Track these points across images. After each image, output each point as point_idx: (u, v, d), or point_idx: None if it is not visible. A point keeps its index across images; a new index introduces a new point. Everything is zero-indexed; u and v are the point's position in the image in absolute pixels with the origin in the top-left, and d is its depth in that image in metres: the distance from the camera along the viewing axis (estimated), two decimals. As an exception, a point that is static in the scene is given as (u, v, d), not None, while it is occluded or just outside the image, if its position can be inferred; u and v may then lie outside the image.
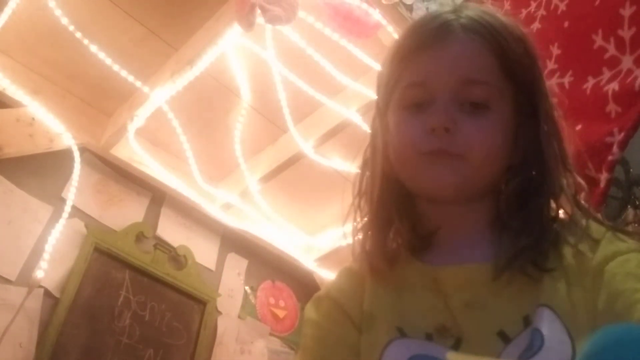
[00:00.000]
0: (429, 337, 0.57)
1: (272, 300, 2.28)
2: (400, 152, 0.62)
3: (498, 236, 0.61)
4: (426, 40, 0.62)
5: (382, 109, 0.67)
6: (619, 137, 1.02)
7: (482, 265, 0.59)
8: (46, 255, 1.67)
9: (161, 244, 2.02)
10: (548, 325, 0.53)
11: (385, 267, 0.63)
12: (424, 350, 0.56)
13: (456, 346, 0.55)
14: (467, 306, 0.57)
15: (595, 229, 0.59)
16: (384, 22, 1.57)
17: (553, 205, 0.61)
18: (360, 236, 0.67)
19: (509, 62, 0.61)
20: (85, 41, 1.67)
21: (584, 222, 0.59)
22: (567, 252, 0.58)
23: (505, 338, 0.54)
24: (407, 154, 0.61)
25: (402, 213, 0.64)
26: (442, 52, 0.61)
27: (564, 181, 0.61)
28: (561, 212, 0.62)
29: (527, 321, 0.54)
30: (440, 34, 0.61)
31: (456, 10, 0.64)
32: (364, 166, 0.70)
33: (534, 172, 0.62)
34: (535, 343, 0.52)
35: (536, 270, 0.57)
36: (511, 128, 0.61)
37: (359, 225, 0.68)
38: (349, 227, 0.70)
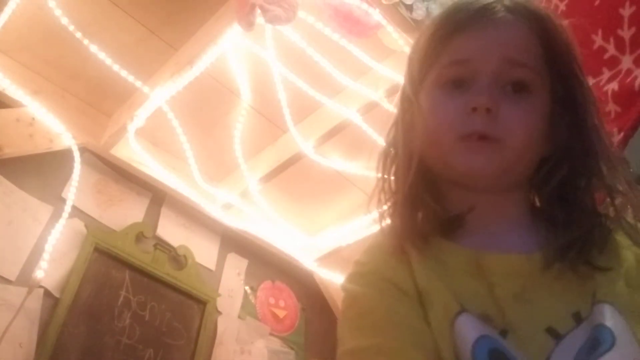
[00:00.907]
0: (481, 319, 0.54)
1: (272, 300, 2.28)
2: (436, 133, 0.60)
3: (538, 226, 0.60)
4: (469, 19, 0.60)
5: (413, 89, 0.64)
6: (618, 137, 1.02)
7: (530, 256, 0.56)
8: (46, 255, 1.67)
9: (161, 244, 2.02)
10: (614, 322, 0.51)
11: (420, 244, 0.59)
12: (487, 332, 0.52)
13: (502, 337, 0.53)
14: (515, 298, 0.54)
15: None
16: (384, 22, 1.56)
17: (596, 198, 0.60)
18: (387, 220, 0.64)
19: (550, 48, 0.60)
20: (86, 41, 1.68)
21: (631, 220, 0.58)
22: (627, 254, 0.57)
23: (555, 334, 0.52)
24: (443, 136, 0.59)
25: (429, 195, 0.61)
26: (487, 31, 0.59)
27: (608, 175, 0.59)
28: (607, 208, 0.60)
29: (577, 317, 0.52)
30: (484, 14, 0.60)
31: None
32: (387, 148, 0.67)
33: (574, 164, 0.60)
34: (605, 339, 0.49)
35: (588, 266, 0.55)
36: (547, 116, 0.60)
37: (386, 209, 0.64)
38: (371, 215, 0.68)
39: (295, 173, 2.04)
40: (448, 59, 0.61)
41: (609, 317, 0.51)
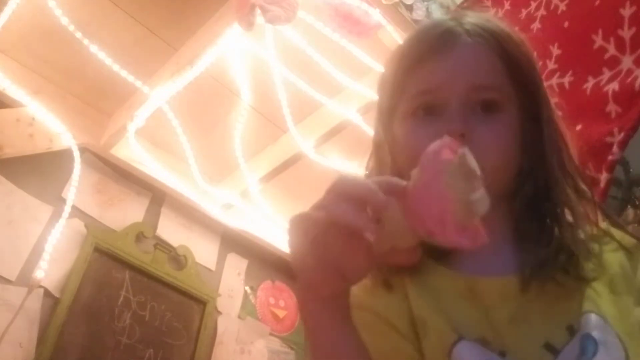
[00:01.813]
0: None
1: (272, 300, 2.27)
2: (412, 163, 0.59)
3: (520, 244, 0.60)
4: (431, 47, 0.61)
5: (385, 120, 0.66)
6: (619, 137, 1.02)
7: (519, 277, 0.57)
8: (46, 256, 1.67)
9: (161, 244, 2.02)
10: (598, 330, 0.52)
11: (411, 272, 0.60)
12: (488, 357, 0.53)
13: (500, 358, 0.54)
14: (512, 320, 0.55)
15: (627, 239, 0.60)
16: (384, 22, 1.56)
17: (570, 210, 0.61)
18: None
19: (513, 66, 0.61)
20: (86, 41, 1.67)
21: (603, 227, 0.60)
22: (610, 261, 0.58)
23: (552, 350, 0.53)
24: None
25: None
26: (450, 59, 0.60)
27: (570, 187, 0.61)
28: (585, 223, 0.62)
29: (571, 330, 0.54)
30: (445, 40, 0.61)
31: (456, 17, 0.64)
32: (368, 177, 0.68)
33: (541, 178, 0.61)
34: (589, 348, 0.51)
35: (570, 279, 0.56)
36: (519, 132, 0.61)
37: None
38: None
39: (295, 173, 2.03)
40: (415, 90, 0.61)
41: (594, 326, 0.53)
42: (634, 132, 1.02)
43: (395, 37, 1.58)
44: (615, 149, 1.02)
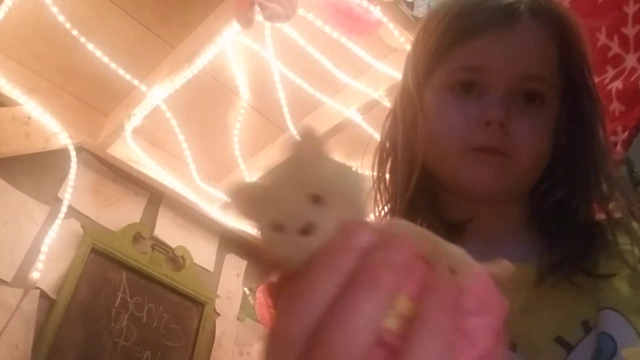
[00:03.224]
0: None
1: (271, 302, 2.26)
2: (442, 141, 0.56)
3: (537, 237, 0.58)
4: (487, 20, 0.55)
5: (417, 85, 0.60)
6: (622, 136, 1.01)
7: (529, 267, 0.54)
8: (42, 256, 1.66)
9: (159, 245, 2.00)
10: (617, 329, 0.50)
11: None
12: None
13: (511, 351, 0.51)
14: (522, 310, 0.52)
15: None
16: (384, 19, 1.55)
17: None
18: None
19: (568, 57, 0.57)
20: (82, 39, 1.66)
21: (633, 224, 0.56)
22: (628, 255, 0.55)
23: (565, 344, 0.50)
24: (450, 146, 0.56)
25: (428, 201, 0.59)
26: (507, 39, 0.55)
27: (607, 190, 0.57)
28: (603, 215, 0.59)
29: (586, 326, 0.51)
30: (504, 16, 0.55)
31: None
32: (383, 144, 0.64)
33: (573, 181, 0.57)
34: (607, 348, 0.49)
35: (586, 277, 0.53)
36: (554, 127, 0.57)
37: (382, 212, 0.62)
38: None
39: (294, 173, 2.02)
40: (462, 62, 0.57)
41: (612, 324, 0.50)
42: (638, 131, 1.01)
43: (396, 34, 1.57)
44: (618, 148, 1.01)
